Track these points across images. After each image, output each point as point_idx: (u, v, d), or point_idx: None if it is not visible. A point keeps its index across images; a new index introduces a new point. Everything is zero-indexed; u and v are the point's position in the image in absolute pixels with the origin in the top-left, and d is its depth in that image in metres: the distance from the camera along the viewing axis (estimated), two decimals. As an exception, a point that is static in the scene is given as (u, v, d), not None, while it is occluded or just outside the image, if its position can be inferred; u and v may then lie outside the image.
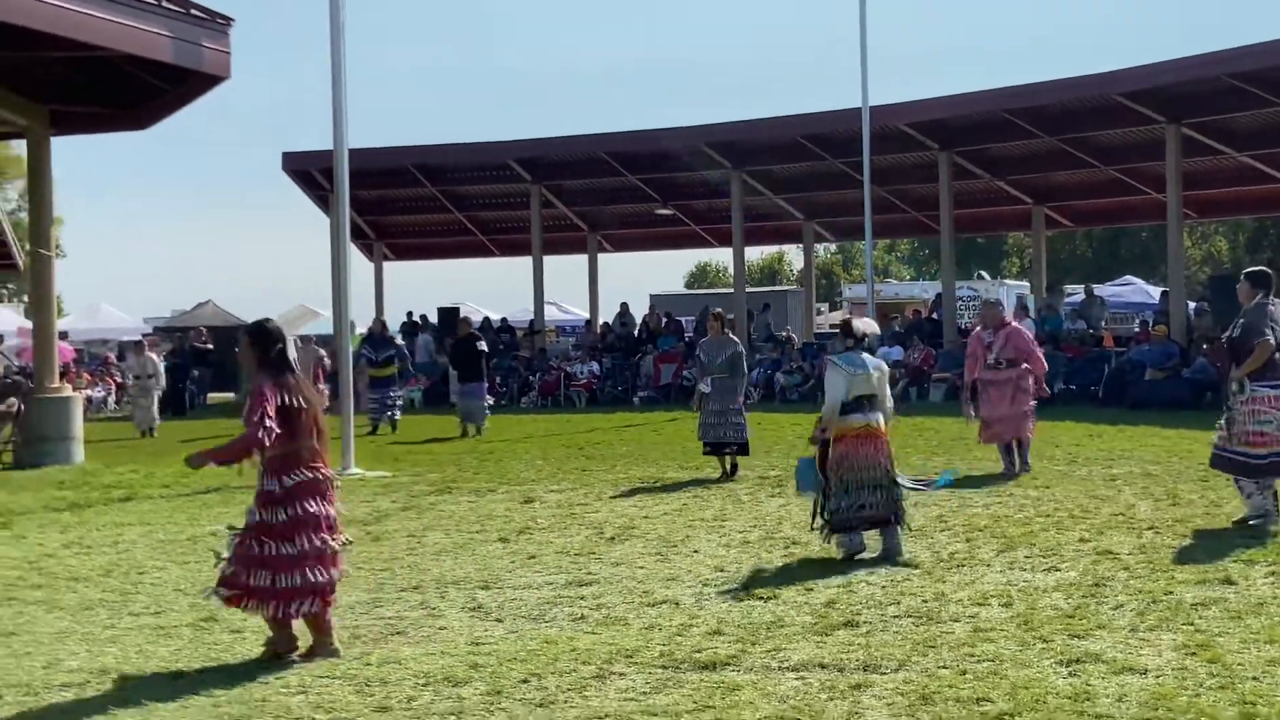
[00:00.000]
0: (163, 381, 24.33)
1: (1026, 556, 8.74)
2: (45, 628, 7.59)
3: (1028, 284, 36.80)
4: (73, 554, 10.11)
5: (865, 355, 9.21)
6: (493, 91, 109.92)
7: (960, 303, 31.25)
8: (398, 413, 21.90)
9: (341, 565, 6.91)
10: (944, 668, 6.07)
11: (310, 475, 6.71)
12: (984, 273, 49.89)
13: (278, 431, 6.55)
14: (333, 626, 6.82)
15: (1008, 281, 45.34)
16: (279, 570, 6.58)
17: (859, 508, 8.83)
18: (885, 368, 9.51)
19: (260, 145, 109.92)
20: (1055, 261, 51.42)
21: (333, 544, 6.77)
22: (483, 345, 21.07)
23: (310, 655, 6.65)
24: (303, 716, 5.68)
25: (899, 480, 9.30)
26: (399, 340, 23.57)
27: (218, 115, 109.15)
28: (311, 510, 6.68)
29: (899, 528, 8.94)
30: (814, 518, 9.10)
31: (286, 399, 6.64)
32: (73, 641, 7.23)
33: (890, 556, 8.74)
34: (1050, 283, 33.15)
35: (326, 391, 17.68)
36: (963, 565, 8.51)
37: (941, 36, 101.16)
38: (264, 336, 6.80)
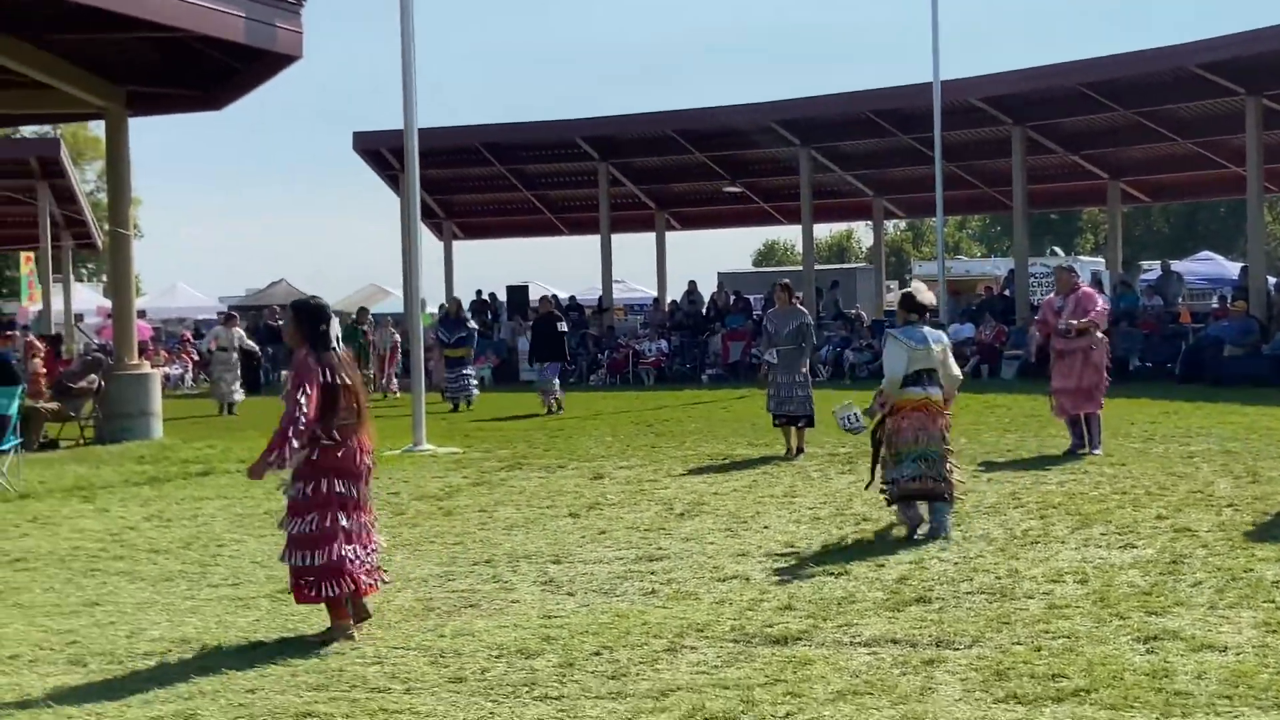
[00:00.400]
0: (250, 349, 24.32)
1: (1102, 534, 8.65)
2: (128, 598, 7.75)
3: (1103, 260, 36.27)
4: (153, 527, 10.31)
5: (927, 329, 9.13)
6: (561, 70, 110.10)
7: (1033, 280, 30.87)
8: (474, 392, 21.98)
9: (372, 545, 6.80)
10: (1018, 644, 6.03)
11: (339, 454, 6.62)
12: (1057, 249, 49.23)
13: (311, 412, 6.48)
14: (344, 609, 6.61)
15: (1082, 258, 44.72)
16: (298, 548, 6.57)
17: (913, 479, 8.78)
18: (947, 340, 9.42)
19: (332, 125, 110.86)
20: (1131, 237, 50.69)
21: (358, 523, 6.66)
22: (563, 325, 20.96)
23: (324, 637, 6.56)
24: (379, 686, 5.75)
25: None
26: (471, 323, 23.50)
27: (290, 95, 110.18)
28: (337, 490, 6.60)
29: (948, 504, 8.86)
30: (870, 481, 9.20)
31: (328, 376, 6.60)
32: (154, 611, 7.37)
33: (936, 533, 8.66)
34: (1126, 259, 32.68)
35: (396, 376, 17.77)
36: (1036, 542, 8.44)
37: (1014, 9, 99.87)
38: (310, 314, 6.77)
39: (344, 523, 6.61)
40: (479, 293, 35.42)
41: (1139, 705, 5.12)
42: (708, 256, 77.90)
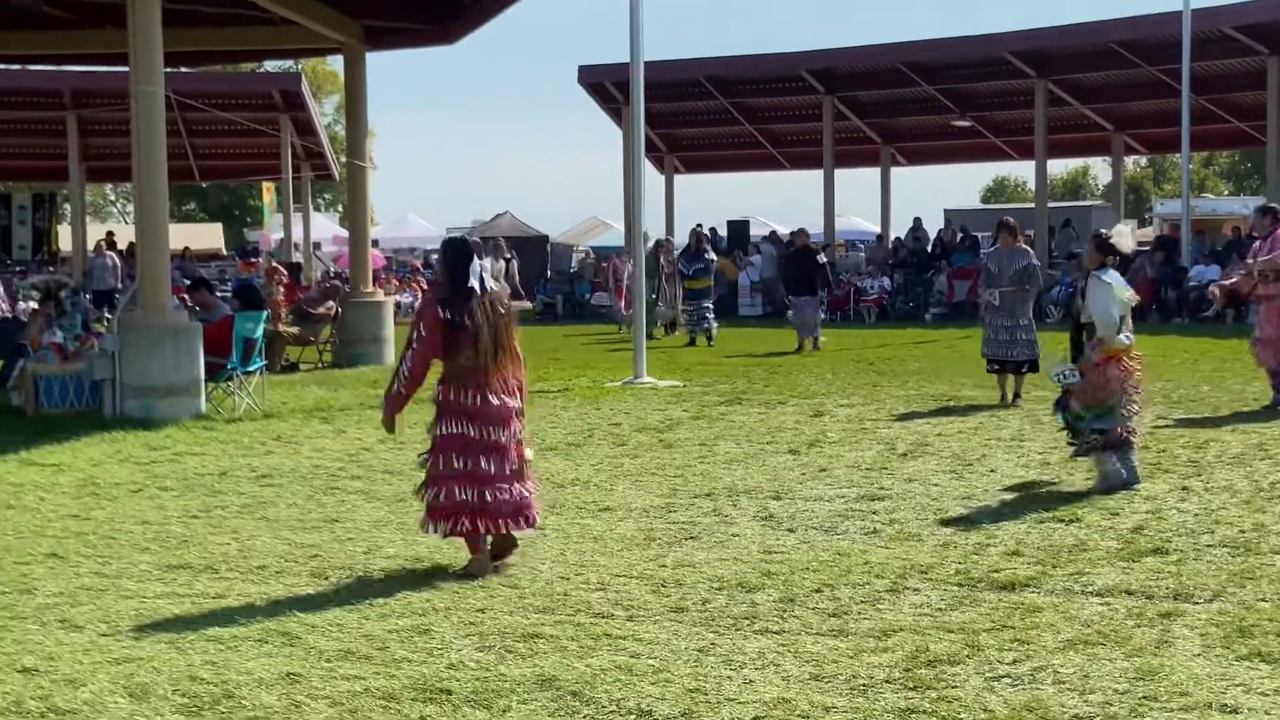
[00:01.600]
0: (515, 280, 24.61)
1: (1356, 490, 8.17)
2: (364, 516, 8.07)
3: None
4: (387, 449, 10.68)
5: (1116, 274, 8.67)
6: (787, 2, 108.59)
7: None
8: (714, 326, 21.61)
9: (507, 490, 6.62)
10: (1263, 600, 5.75)
11: (461, 394, 6.57)
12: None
13: (422, 356, 6.55)
14: (479, 545, 6.61)
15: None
16: (428, 486, 6.64)
17: (1118, 429, 8.34)
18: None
19: (557, 59, 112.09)
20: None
21: (490, 465, 6.56)
22: (822, 258, 20.43)
23: (463, 573, 6.55)
24: (602, 612, 5.86)
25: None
26: (711, 254, 23.18)
27: (517, 29, 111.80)
28: (455, 430, 6.54)
29: (1133, 452, 8.44)
30: (1076, 438, 8.67)
31: (448, 314, 6.54)
32: (389, 530, 7.66)
33: (1130, 482, 8.27)
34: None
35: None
36: (1283, 496, 8.02)
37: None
38: (456, 252, 6.73)
39: (459, 464, 6.52)
40: (699, 226, 35.41)
41: (1397, 672, 4.83)
42: (934, 192, 76.24)
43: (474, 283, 6.67)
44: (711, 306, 22.00)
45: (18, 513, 8.30)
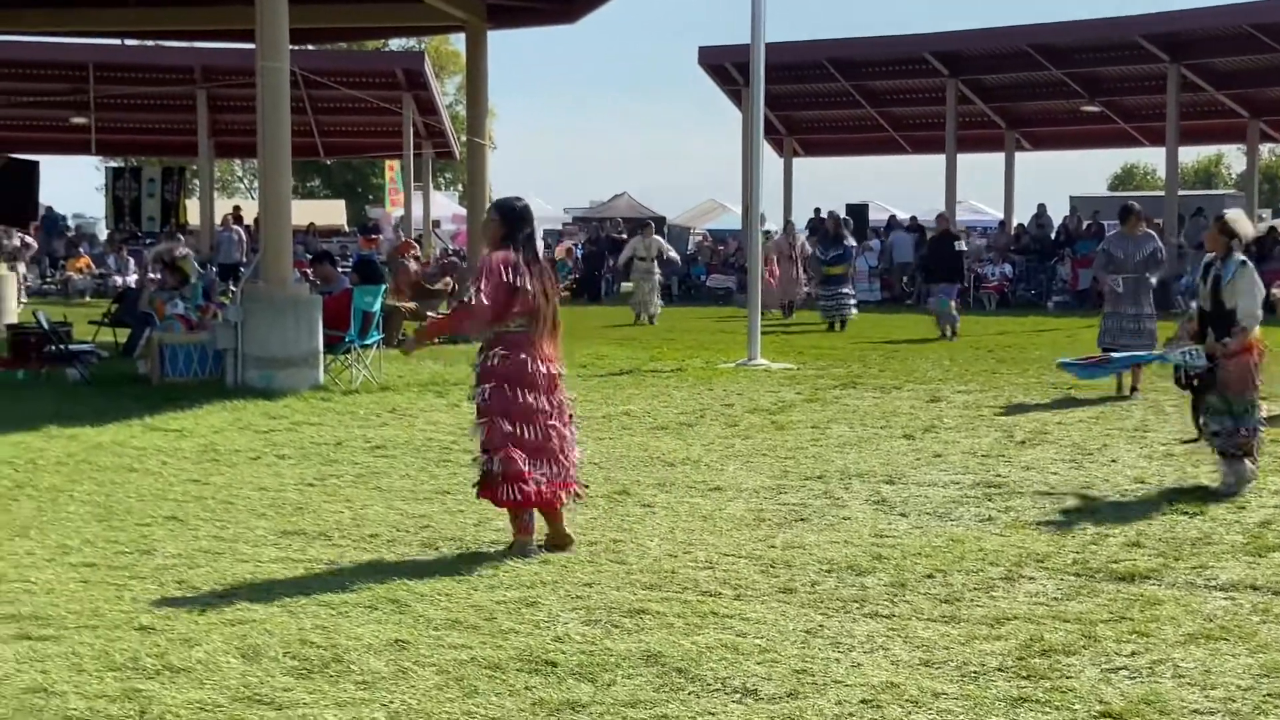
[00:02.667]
0: (672, 260, 24.25)
1: None
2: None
3: None
4: (499, 424, 10.74)
5: None
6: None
7: None
8: (851, 311, 21.21)
9: (559, 458, 6.53)
10: (1399, 602, 5.52)
11: (514, 358, 6.39)
12: None
13: (489, 306, 6.30)
14: (526, 524, 6.50)
15: None
16: (482, 452, 6.48)
17: (1253, 430, 7.97)
18: None
19: (676, 39, 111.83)
20: None
21: (526, 432, 6.40)
22: (961, 244, 19.97)
23: (553, 546, 6.51)
24: (710, 591, 5.82)
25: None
26: (850, 239, 22.71)
27: (637, 9, 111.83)
28: (508, 395, 6.37)
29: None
30: (1198, 436, 8.29)
31: (512, 277, 6.36)
32: (504, 504, 7.68)
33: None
34: None
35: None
36: None
37: None
38: (513, 215, 6.54)
39: (510, 429, 6.37)
40: (817, 210, 35.14)
41: None
42: (1059, 179, 74.64)
43: (529, 248, 6.55)
44: (852, 292, 21.56)
45: (140, 476, 8.51)
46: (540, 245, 6.69)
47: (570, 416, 6.71)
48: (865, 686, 4.62)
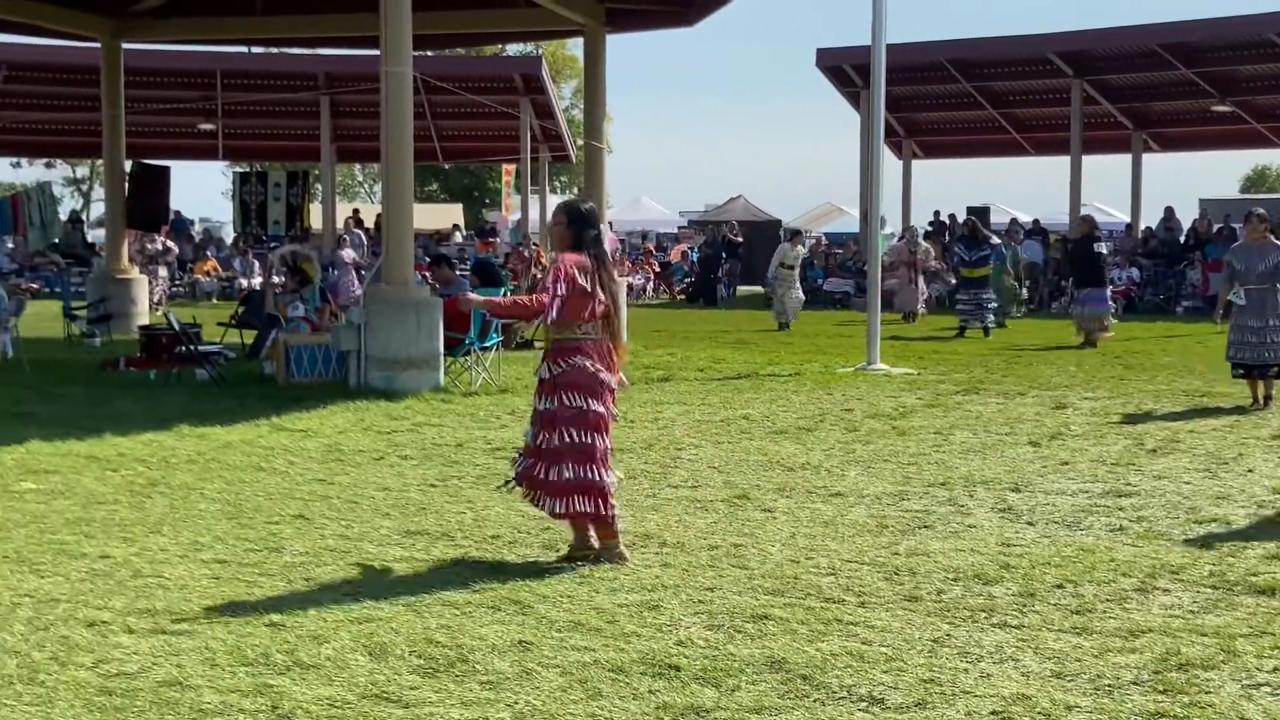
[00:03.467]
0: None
1: None
2: (595, 491, 8.11)
3: None
4: (618, 426, 10.68)
5: None
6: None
7: None
8: (991, 317, 20.42)
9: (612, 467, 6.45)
10: None
11: (580, 367, 6.28)
12: None
13: (559, 312, 6.17)
14: (615, 531, 6.40)
15: None
16: (549, 462, 6.28)
17: None
18: None
19: (792, 41, 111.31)
20: None
21: (598, 441, 6.31)
22: (1101, 247, 19.14)
23: (596, 558, 6.34)
24: (833, 597, 5.74)
25: None
26: (995, 239, 21.99)
27: (753, 11, 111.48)
28: (575, 403, 6.25)
29: None
30: None
31: (584, 280, 6.22)
32: (619, 505, 7.66)
33: None
34: None
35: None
36: None
37: None
38: (580, 217, 6.42)
39: (575, 439, 6.26)
40: (936, 214, 34.72)
41: None
42: (1188, 181, 72.62)
43: (606, 248, 6.44)
44: (994, 297, 20.77)
45: (268, 475, 8.67)
46: (608, 245, 6.53)
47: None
48: (995, 698, 4.52)
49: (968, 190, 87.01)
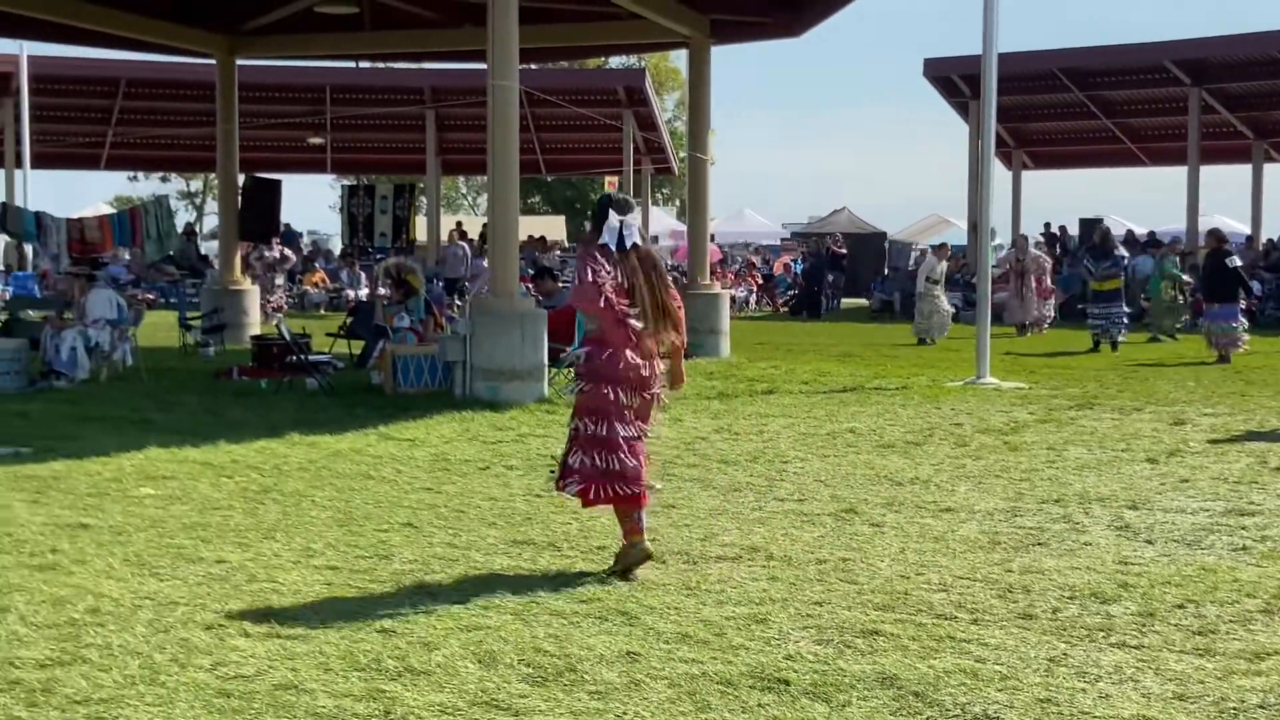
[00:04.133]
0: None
1: None
2: (700, 503, 8.09)
3: None
4: (722, 439, 10.73)
5: None
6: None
7: None
8: (1122, 332, 19.63)
9: (638, 462, 6.30)
10: None
11: (605, 358, 6.23)
12: None
13: (602, 290, 6.14)
14: (639, 528, 6.33)
15: None
16: (571, 449, 6.34)
17: None
18: None
19: (896, 51, 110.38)
20: None
21: (625, 432, 6.24)
22: (1234, 261, 18.56)
23: (618, 561, 6.34)
24: (945, 614, 5.65)
25: None
26: (1121, 249, 21.24)
27: (854, 21, 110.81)
28: (603, 391, 6.22)
29: None
30: None
31: (608, 273, 6.17)
32: (724, 519, 7.65)
33: None
34: None
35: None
36: None
37: None
38: (600, 209, 6.37)
39: (598, 429, 6.22)
40: (1047, 225, 34.18)
41: None
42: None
43: (629, 237, 6.29)
44: (1125, 310, 20.03)
45: (377, 483, 8.76)
46: (636, 237, 6.33)
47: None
48: (1115, 719, 4.40)
49: (1079, 201, 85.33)
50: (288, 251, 28.17)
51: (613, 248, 6.27)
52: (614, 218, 6.29)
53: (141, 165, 47.22)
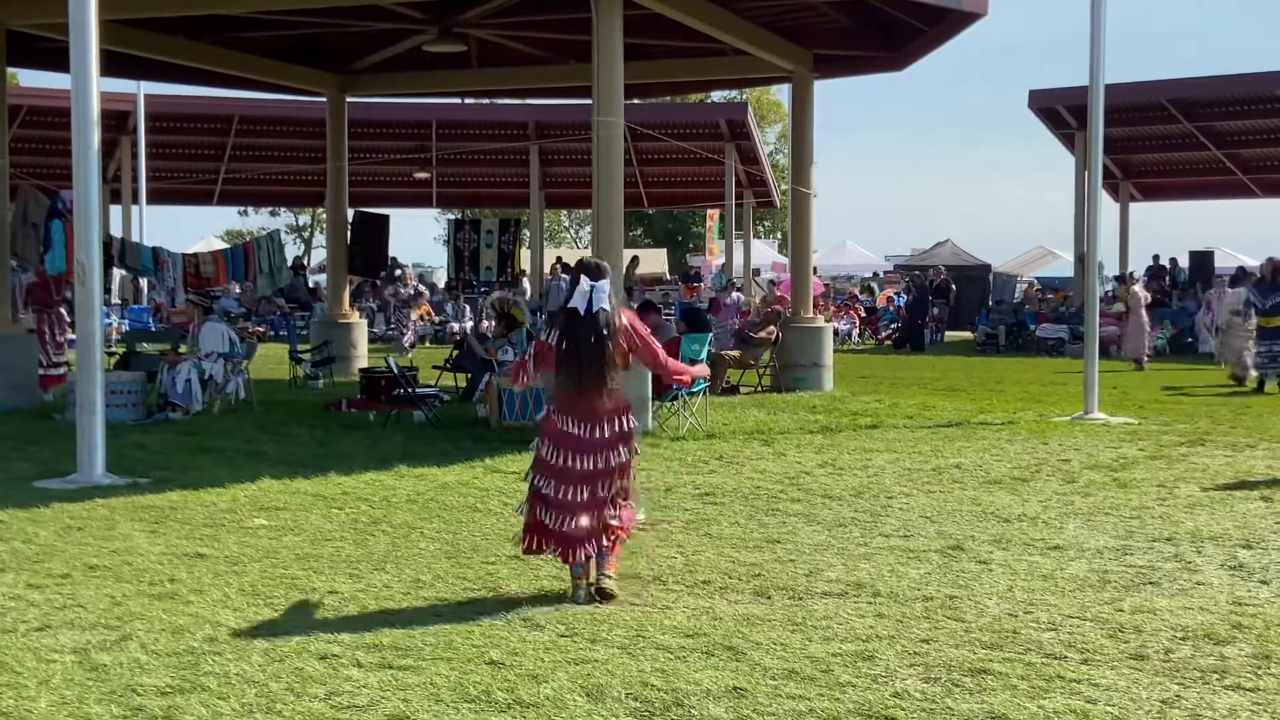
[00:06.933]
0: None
1: None
2: (805, 539, 8.08)
3: None
4: (826, 473, 10.69)
5: None
6: (1261, 18, 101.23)
7: None
8: None
9: (578, 519, 6.47)
10: None
11: (552, 415, 6.65)
12: None
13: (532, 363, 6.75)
14: (584, 573, 6.55)
15: None
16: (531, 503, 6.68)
17: None
18: None
19: (1001, 83, 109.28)
20: None
21: (559, 492, 6.50)
22: None
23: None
24: (1054, 654, 5.59)
25: None
26: None
27: (960, 54, 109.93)
28: (542, 452, 6.60)
29: None
30: None
31: (545, 333, 6.72)
32: (830, 554, 7.63)
33: None
34: None
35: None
36: None
37: None
38: (575, 271, 6.78)
39: (539, 484, 6.56)
40: (1155, 258, 33.61)
41: None
42: None
43: (576, 304, 6.60)
44: None
45: (484, 516, 8.88)
46: (604, 303, 6.63)
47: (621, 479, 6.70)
48: (1232, 766, 4.33)
49: (1188, 233, 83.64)
50: (422, 288, 28.56)
51: (581, 311, 6.58)
52: (585, 282, 6.60)
53: (252, 200, 48.32)
